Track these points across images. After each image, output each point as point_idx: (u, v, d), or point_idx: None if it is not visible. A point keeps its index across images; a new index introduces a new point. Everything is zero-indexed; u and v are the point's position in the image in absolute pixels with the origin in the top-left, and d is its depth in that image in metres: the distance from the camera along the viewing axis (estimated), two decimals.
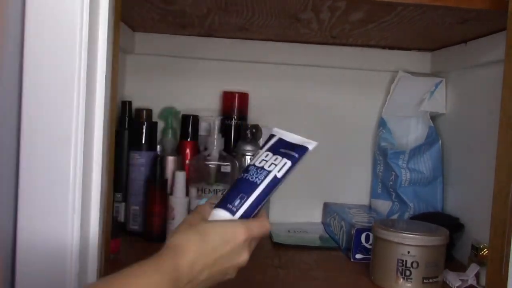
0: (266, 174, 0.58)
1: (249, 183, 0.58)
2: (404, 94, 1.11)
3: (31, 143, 0.55)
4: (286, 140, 0.63)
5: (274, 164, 0.59)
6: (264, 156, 0.61)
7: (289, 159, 0.60)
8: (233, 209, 0.57)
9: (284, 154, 0.60)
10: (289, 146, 0.61)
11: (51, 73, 0.55)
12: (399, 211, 1.08)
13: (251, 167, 0.60)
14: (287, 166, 0.59)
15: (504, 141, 0.62)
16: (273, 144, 0.62)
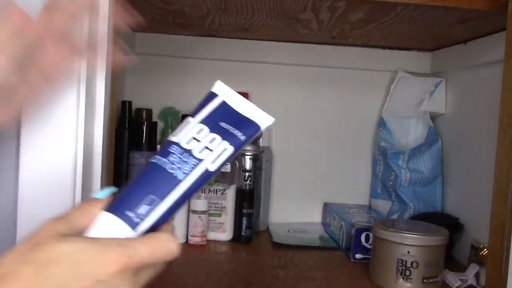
0: (195, 164, 0.39)
1: (167, 177, 0.39)
2: (404, 94, 1.11)
3: (31, 143, 0.55)
4: (232, 107, 0.44)
5: (208, 149, 0.40)
6: (196, 132, 0.41)
7: (232, 142, 0.41)
8: (134, 219, 0.37)
9: (226, 132, 0.42)
10: (235, 119, 0.43)
11: None
12: (399, 211, 1.08)
13: (173, 147, 0.40)
14: (226, 155, 0.41)
15: (504, 141, 0.62)
16: (213, 111, 0.44)
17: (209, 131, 0.41)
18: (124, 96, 1.12)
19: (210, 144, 0.41)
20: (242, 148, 0.42)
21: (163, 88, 1.16)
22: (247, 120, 0.43)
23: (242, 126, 0.42)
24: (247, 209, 1.01)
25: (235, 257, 0.93)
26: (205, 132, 0.41)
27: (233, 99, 0.46)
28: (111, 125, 0.66)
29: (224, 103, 0.45)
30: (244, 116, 0.43)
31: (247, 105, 0.44)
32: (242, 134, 0.42)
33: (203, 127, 0.42)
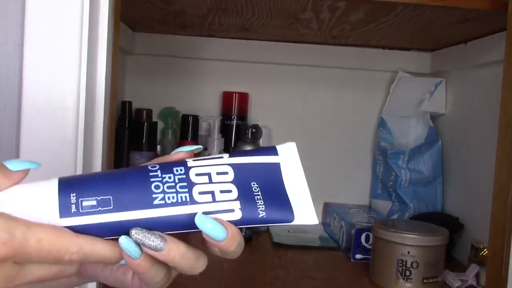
0: (183, 202, 0.31)
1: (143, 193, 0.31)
2: (404, 94, 1.11)
3: (31, 143, 0.55)
4: (282, 177, 0.34)
5: (212, 196, 0.32)
6: (217, 172, 0.33)
7: (244, 210, 0.32)
8: (71, 206, 0.30)
9: (248, 195, 0.32)
10: (273, 190, 0.33)
11: (51, 73, 0.55)
12: (399, 211, 1.08)
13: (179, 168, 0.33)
14: (227, 218, 0.32)
15: (504, 141, 0.62)
16: (256, 166, 0.34)
17: (232, 180, 0.33)
18: (124, 96, 1.12)
19: (219, 194, 0.32)
20: (253, 225, 0.32)
21: (163, 88, 1.16)
22: (285, 202, 0.33)
23: (272, 203, 0.32)
24: None
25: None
26: (226, 178, 0.33)
27: (292, 170, 0.35)
28: (111, 125, 0.66)
29: (277, 166, 0.35)
30: (285, 195, 0.33)
31: (300, 188, 0.34)
32: (264, 211, 0.32)
33: (229, 171, 0.33)
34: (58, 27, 0.55)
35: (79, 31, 0.55)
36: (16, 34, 0.55)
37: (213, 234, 0.31)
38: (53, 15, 0.55)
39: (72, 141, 0.56)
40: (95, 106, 0.60)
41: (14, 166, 0.32)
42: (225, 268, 0.86)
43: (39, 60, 0.55)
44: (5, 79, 0.55)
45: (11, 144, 0.56)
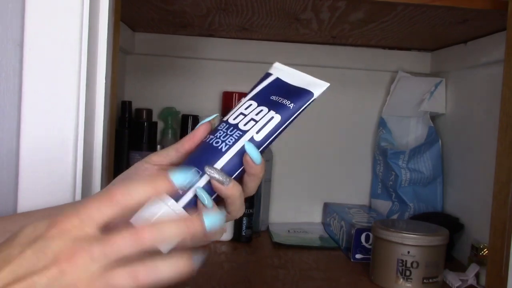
0: (239, 136, 0.41)
1: (212, 151, 0.41)
2: (404, 94, 1.11)
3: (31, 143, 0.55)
4: (285, 81, 0.45)
5: (253, 120, 0.42)
6: (245, 108, 0.43)
7: (278, 111, 0.41)
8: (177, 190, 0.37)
9: (274, 103, 0.42)
10: (286, 91, 0.43)
11: (51, 73, 0.55)
12: (399, 211, 1.08)
13: (222, 125, 0.43)
14: (273, 123, 0.41)
15: (504, 141, 0.62)
16: (264, 88, 0.44)
17: (257, 105, 0.43)
18: (124, 96, 1.12)
19: (256, 116, 0.42)
20: (293, 116, 0.42)
21: (163, 88, 1.16)
22: (298, 89, 0.42)
23: (292, 96, 0.42)
24: (247, 209, 1.01)
25: (235, 257, 0.93)
26: (253, 107, 0.43)
27: (288, 74, 0.45)
28: (111, 125, 0.66)
29: (277, 80, 0.45)
30: (295, 87, 0.43)
31: (301, 77, 0.44)
32: (291, 103, 0.41)
33: (252, 103, 0.43)
34: (58, 27, 0.55)
35: (79, 31, 0.55)
36: (16, 34, 0.55)
37: (254, 156, 0.41)
38: (53, 15, 0.55)
39: (72, 141, 0.56)
40: (95, 106, 0.60)
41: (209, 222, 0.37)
42: (225, 268, 0.86)
43: (39, 60, 0.55)
44: (5, 79, 0.55)
45: (11, 144, 0.56)
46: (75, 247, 0.33)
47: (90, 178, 0.61)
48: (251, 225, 1.01)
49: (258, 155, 0.41)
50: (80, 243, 0.33)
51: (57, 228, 0.34)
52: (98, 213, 0.34)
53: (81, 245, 0.33)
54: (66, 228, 0.34)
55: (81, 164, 0.57)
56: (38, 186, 0.56)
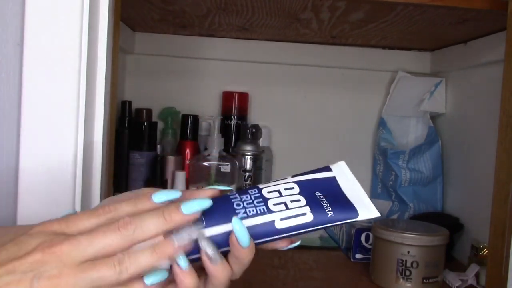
0: (261, 212, 0.37)
1: (227, 210, 0.37)
2: (404, 94, 1.11)
3: (31, 143, 0.55)
4: (340, 185, 0.40)
5: (285, 205, 0.38)
6: (285, 188, 0.39)
7: (314, 211, 0.37)
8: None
9: (315, 201, 0.38)
10: (335, 196, 0.39)
11: (51, 73, 0.55)
12: (399, 211, 1.08)
13: (254, 190, 0.39)
14: (302, 220, 0.37)
15: (504, 141, 0.62)
16: (316, 180, 0.40)
17: (298, 192, 0.38)
18: (124, 96, 1.12)
19: (291, 203, 0.38)
20: (325, 225, 0.37)
21: (163, 88, 1.16)
22: (346, 202, 0.38)
23: (337, 204, 0.38)
24: None
25: None
26: (293, 191, 0.39)
27: (347, 180, 0.40)
28: (111, 125, 0.66)
29: (333, 179, 0.40)
30: (345, 197, 0.39)
31: (357, 191, 0.39)
32: (332, 211, 0.37)
33: (294, 186, 0.39)
34: (58, 27, 0.55)
35: (79, 31, 0.55)
36: (16, 34, 0.55)
37: (241, 237, 0.36)
38: (53, 15, 0.55)
39: (72, 141, 0.56)
40: (95, 106, 0.60)
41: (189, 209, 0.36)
42: None
43: (39, 60, 0.55)
44: (5, 79, 0.55)
45: (11, 145, 0.56)
46: (58, 238, 0.33)
47: (90, 178, 0.61)
48: None
49: (246, 238, 0.36)
50: (65, 236, 0.33)
51: (41, 227, 0.34)
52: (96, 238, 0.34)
53: (64, 236, 0.33)
54: (50, 227, 0.34)
55: (81, 164, 0.57)
56: (37, 186, 0.56)
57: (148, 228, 0.34)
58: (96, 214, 0.35)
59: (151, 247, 0.34)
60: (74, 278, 0.32)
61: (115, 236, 0.33)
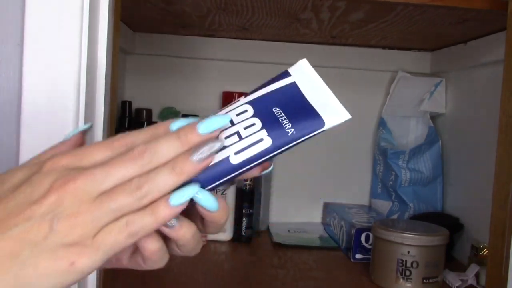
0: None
1: None
2: (404, 94, 1.11)
3: (31, 143, 0.55)
4: (301, 91, 0.35)
5: (238, 136, 0.33)
6: (237, 113, 0.34)
7: (272, 133, 0.33)
8: None
9: (273, 120, 0.33)
10: (296, 107, 0.34)
11: (51, 74, 0.55)
12: (399, 211, 1.08)
13: None
14: (259, 148, 0.32)
15: (504, 141, 0.62)
16: (272, 92, 0.35)
17: (252, 115, 0.34)
18: (124, 96, 1.12)
19: (244, 131, 0.33)
20: (288, 145, 0.33)
21: (163, 88, 1.16)
22: (310, 110, 0.33)
23: (299, 117, 0.33)
24: (247, 209, 1.01)
25: (235, 257, 0.93)
26: (247, 115, 0.34)
27: (310, 82, 0.35)
28: (111, 125, 0.66)
29: (293, 86, 0.35)
30: (308, 104, 0.33)
31: (323, 92, 0.35)
32: (292, 127, 0.32)
33: (247, 108, 0.34)
34: (58, 27, 0.55)
35: (79, 31, 0.55)
36: (16, 34, 0.55)
37: (207, 205, 0.33)
38: (53, 15, 0.55)
39: None
40: (95, 106, 0.60)
41: (205, 128, 0.33)
42: (225, 268, 0.86)
43: (39, 60, 0.55)
44: (5, 79, 0.55)
45: (11, 144, 0.56)
46: (71, 173, 0.31)
47: None
48: (251, 225, 1.01)
49: (212, 203, 0.33)
50: (78, 170, 0.31)
51: (52, 162, 0.32)
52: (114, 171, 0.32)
53: (79, 171, 0.31)
54: (62, 162, 0.32)
55: None
56: None
57: (164, 153, 0.32)
58: (110, 145, 0.33)
59: (169, 168, 0.32)
60: (92, 212, 0.30)
61: (131, 165, 0.32)
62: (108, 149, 0.33)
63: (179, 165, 0.32)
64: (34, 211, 0.30)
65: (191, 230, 0.34)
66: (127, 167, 0.32)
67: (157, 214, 0.31)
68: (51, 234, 0.30)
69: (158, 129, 0.34)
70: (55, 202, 0.30)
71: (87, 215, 0.30)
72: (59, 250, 0.30)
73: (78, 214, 0.30)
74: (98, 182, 0.31)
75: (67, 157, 0.33)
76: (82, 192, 0.31)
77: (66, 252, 0.30)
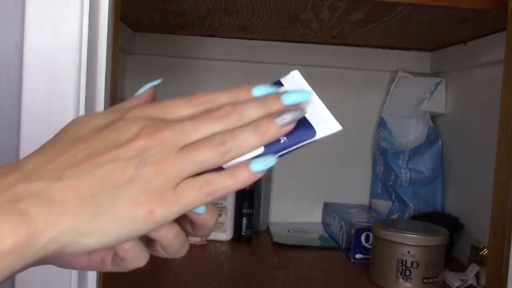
0: None
1: None
2: (404, 94, 1.11)
3: (31, 143, 0.55)
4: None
5: None
6: None
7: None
8: None
9: None
10: None
11: (51, 73, 0.55)
12: (399, 211, 1.08)
13: None
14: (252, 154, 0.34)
15: (504, 141, 0.62)
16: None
17: None
18: (124, 96, 1.12)
19: None
20: (279, 152, 0.34)
21: (163, 88, 1.15)
22: (303, 122, 0.35)
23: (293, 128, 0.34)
24: (247, 209, 1.01)
25: (235, 257, 0.93)
26: None
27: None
28: None
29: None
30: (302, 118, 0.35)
31: (315, 105, 0.37)
32: (285, 136, 0.34)
33: None
34: (58, 27, 0.55)
35: (79, 31, 0.55)
36: (16, 34, 0.55)
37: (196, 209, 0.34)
38: (53, 15, 0.55)
39: None
40: (95, 106, 0.60)
41: (289, 99, 0.34)
42: (225, 268, 0.86)
43: (39, 60, 0.55)
44: (5, 79, 0.55)
45: (11, 144, 0.56)
46: (159, 123, 0.31)
47: None
48: (251, 225, 1.01)
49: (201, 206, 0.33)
50: (165, 122, 0.31)
51: (136, 111, 0.32)
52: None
53: (167, 122, 0.31)
54: (147, 113, 0.32)
55: None
56: None
57: (250, 116, 0.33)
58: (193, 101, 0.33)
59: (253, 128, 0.32)
60: (178, 163, 0.30)
61: (218, 124, 0.32)
62: (190, 105, 0.33)
63: (263, 127, 0.32)
64: (121, 154, 0.29)
65: (172, 230, 0.33)
66: (214, 125, 0.32)
67: (238, 176, 0.32)
68: (135, 178, 0.29)
69: (239, 92, 0.34)
70: (143, 147, 0.30)
71: (173, 165, 0.30)
72: (141, 196, 0.29)
73: (164, 162, 0.30)
74: (186, 135, 0.31)
75: (151, 108, 0.33)
76: (170, 142, 0.30)
77: (147, 199, 0.29)
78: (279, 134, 0.33)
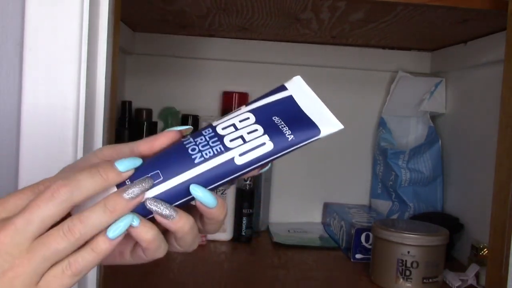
0: (219, 152, 0.35)
1: (183, 157, 0.35)
2: (404, 94, 1.11)
3: (31, 143, 0.55)
4: (298, 103, 0.38)
5: (242, 139, 0.36)
6: (240, 120, 0.37)
7: (274, 138, 0.36)
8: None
9: (273, 127, 0.36)
10: (293, 116, 0.37)
11: (51, 73, 0.55)
12: (399, 211, 1.08)
13: (207, 130, 0.37)
14: (262, 150, 0.36)
15: (504, 141, 0.62)
16: (271, 103, 0.38)
17: (254, 122, 0.36)
18: (124, 96, 1.12)
19: (248, 135, 0.36)
20: (287, 149, 0.36)
21: (163, 88, 1.16)
22: (306, 120, 0.37)
23: (297, 126, 0.36)
24: (247, 209, 1.01)
25: (235, 257, 0.93)
26: (249, 122, 0.36)
27: (305, 95, 0.39)
28: (111, 125, 0.66)
29: (289, 98, 0.38)
30: (305, 115, 0.37)
31: (317, 105, 0.38)
32: (292, 134, 0.36)
33: (249, 116, 0.37)
34: (58, 27, 0.55)
35: (79, 31, 0.55)
36: (16, 34, 0.55)
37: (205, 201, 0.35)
38: (53, 15, 0.55)
39: (72, 141, 0.56)
40: (95, 106, 0.60)
41: (123, 166, 0.34)
42: (225, 268, 0.86)
43: (39, 60, 0.55)
44: (5, 78, 0.55)
45: (11, 144, 0.56)
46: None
47: None
48: (251, 225, 1.01)
49: (211, 199, 0.35)
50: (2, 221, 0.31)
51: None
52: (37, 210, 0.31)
53: (3, 221, 0.31)
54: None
55: None
56: None
57: (85, 187, 0.32)
58: (31, 188, 0.33)
59: (101, 205, 0.32)
60: (28, 264, 0.30)
61: (51, 203, 0.31)
62: (28, 191, 0.33)
63: (111, 203, 0.33)
64: None
65: (189, 222, 0.34)
66: (48, 206, 0.31)
67: (97, 249, 0.32)
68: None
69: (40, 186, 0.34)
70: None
71: (23, 268, 0.30)
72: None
73: (13, 268, 0.30)
74: (22, 230, 0.31)
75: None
76: (10, 246, 0.30)
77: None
78: (128, 208, 0.33)
